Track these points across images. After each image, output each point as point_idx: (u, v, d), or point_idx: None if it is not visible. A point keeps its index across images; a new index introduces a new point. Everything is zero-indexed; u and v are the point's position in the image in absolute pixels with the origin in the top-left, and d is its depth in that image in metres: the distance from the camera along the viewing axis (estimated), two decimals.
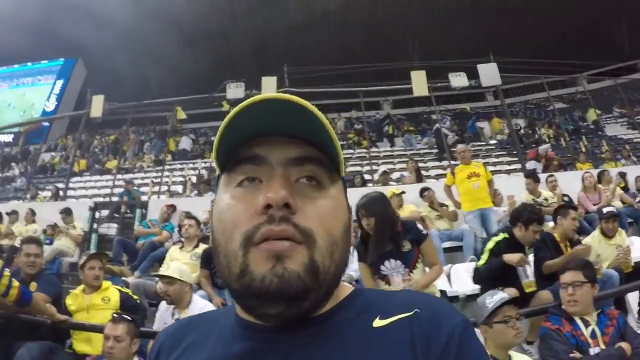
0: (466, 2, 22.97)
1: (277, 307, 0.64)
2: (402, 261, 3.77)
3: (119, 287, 4.63)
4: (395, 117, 20.44)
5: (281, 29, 25.18)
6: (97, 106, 12.35)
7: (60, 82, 27.91)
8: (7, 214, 9.55)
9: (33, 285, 4.21)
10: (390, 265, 3.77)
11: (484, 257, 4.39)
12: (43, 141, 22.75)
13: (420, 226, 3.99)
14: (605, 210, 5.62)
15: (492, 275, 4.17)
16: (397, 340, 0.65)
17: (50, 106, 26.96)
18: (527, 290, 4.00)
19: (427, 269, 3.90)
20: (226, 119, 0.68)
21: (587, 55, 18.94)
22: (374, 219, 3.80)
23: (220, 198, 0.72)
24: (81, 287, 4.46)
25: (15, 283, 3.52)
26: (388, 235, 3.76)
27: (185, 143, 18.75)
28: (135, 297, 4.66)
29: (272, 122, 0.68)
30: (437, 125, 14.56)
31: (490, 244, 4.43)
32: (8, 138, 24.15)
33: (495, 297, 3.01)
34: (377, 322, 0.68)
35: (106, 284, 4.49)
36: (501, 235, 4.43)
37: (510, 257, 4.12)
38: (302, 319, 0.68)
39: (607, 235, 5.35)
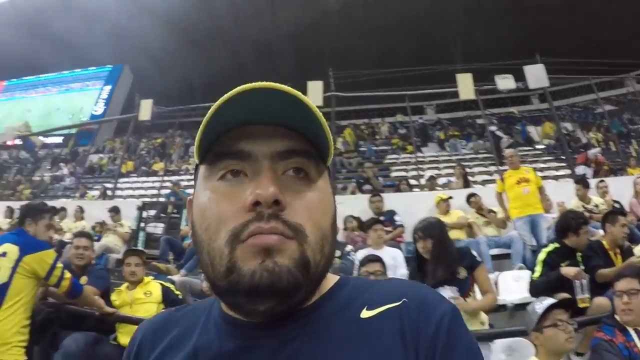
0: (509, 1, 22.48)
1: (267, 303, 0.63)
2: (458, 288, 3.71)
3: (161, 282, 4.73)
4: (445, 122, 20.19)
5: (323, 33, 25.25)
6: (145, 110, 12.65)
7: (108, 88, 28.71)
8: (57, 210, 9.80)
9: (83, 279, 4.34)
10: (445, 293, 3.69)
11: (538, 270, 4.35)
12: (91, 143, 23.44)
13: (474, 252, 3.95)
14: None
15: (550, 287, 4.07)
16: (386, 331, 0.64)
17: (99, 110, 27.68)
18: (581, 305, 3.85)
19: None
20: (212, 109, 0.64)
21: (635, 54, 18.20)
22: (431, 241, 3.79)
23: (201, 192, 0.69)
24: (126, 283, 4.59)
25: (67, 275, 3.63)
26: (444, 260, 3.72)
27: None
28: (177, 292, 4.75)
29: (260, 112, 0.65)
30: (491, 128, 14.40)
31: (541, 255, 4.39)
32: (58, 140, 24.89)
33: (545, 302, 2.94)
34: (365, 313, 0.67)
35: (147, 278, 4.61)
36: (551, 246, 4.41)
37: (568, 270, 4.04)
38: (288, 314, 0.66)
39: None
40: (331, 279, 0.74)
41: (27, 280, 3.37)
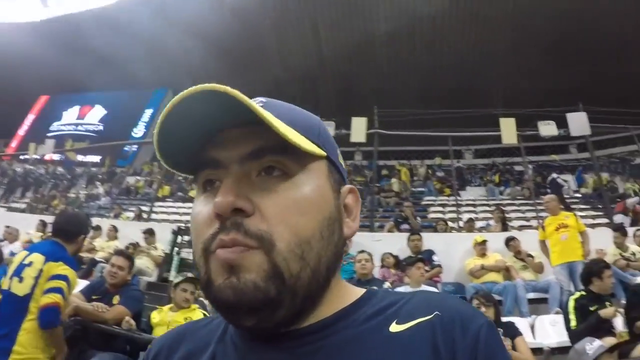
0: (556, 50, 22.35)
1: (246, 320, 0.59)
2: None
3: (204, 312, 4.63)
4: (501, 166, 20.16)
5: (366, 71, 25.51)
6: None
7: (149, 111, 29.12)
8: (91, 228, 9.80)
9: (116, 298, 4.31)
10: None
11: (572, 318, 4.44)
12: (129, 165, 23.81)
13: (517, 325, 4.30)
14: None
15: (591, 331, 4.16)
16: (419, 346, 0.59)
17: (139, 133, 28.17)
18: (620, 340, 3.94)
19: None
20: (155, 134, 0.61)
21: None
22: (493, 310, 4.10)
23: (194, 204, 0.68)
24: (170, 305, 4.53)
25: (56, 297, 3.12)
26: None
27: None
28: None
29: (211, 119, 0.61)
30: (553, 175, 14.60)
31: (571, 303, 4.52)
32: (95, 159, 24.95)
33: (595, 344, 2.97)
34: (395, 327, 0.62)
35: (194, 306, 4.50)
36: (578, 294, 4.62)
37: (607, 312, 4.24)
38: (303, 326, 0.63)
39: None
40: (356, 292, 0.71)
41: None
